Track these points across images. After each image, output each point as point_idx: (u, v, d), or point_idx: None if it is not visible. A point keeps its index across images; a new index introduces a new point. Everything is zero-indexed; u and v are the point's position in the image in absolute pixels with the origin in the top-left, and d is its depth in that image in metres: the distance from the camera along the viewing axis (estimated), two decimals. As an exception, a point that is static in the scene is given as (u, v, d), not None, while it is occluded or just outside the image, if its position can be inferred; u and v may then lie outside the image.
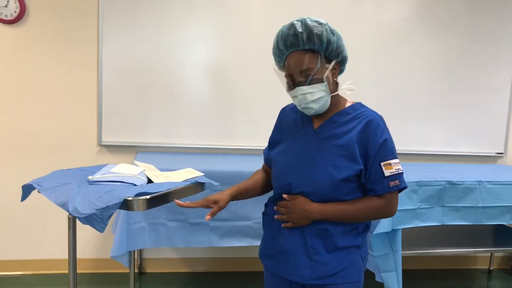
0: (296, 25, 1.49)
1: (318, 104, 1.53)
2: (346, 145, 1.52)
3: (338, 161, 1.52)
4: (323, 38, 1.47)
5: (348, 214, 1.54)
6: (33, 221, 3.30)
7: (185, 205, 1.57)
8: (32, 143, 3.22)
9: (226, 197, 1.64)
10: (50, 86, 3.19)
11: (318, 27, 1.47)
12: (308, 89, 1.51)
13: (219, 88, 3.35)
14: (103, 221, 1.52)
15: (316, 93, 1.51)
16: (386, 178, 1.51)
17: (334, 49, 1.50)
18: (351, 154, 1.51)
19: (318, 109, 1.55)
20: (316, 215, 1.53)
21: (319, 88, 1.51)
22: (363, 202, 1.55)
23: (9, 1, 3.05)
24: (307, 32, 1.47)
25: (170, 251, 3.50)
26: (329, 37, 1.48)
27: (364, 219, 1.58)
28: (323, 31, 1.47)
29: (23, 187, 1.78)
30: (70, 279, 1.82)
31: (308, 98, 1.52)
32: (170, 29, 3.22)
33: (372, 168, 1.51)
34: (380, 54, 3.48)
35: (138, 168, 1.93)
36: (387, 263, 2.64)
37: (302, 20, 1.50)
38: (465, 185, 2.77)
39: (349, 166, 1.51)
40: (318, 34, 1.47)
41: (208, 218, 1.57)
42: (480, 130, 3.71)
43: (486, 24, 3.58)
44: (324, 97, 1.53)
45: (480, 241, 3.25)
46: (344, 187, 1.52)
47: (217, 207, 1.60)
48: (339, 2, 3.37)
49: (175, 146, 3.34)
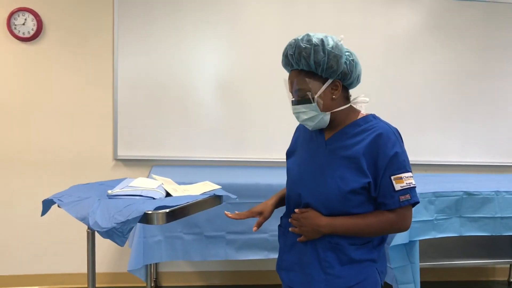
0: (289, 46, 1.52)
1: (313, 122, 1.55)
2: (354, 157, 1.51)
3: (346, 173, 1.51)
4: (310, 60, 1.47)
5: (358, 229, 1.52)
6: (50, 236, 3.33)
7: (233, 216, 1.68)
8: (49, 158, 3.26)
9: (269, 207, 1.73)
10: (66, 102, 3.24)
11: (307, 49, 1.47)
12: (300, 108, 1.54)
13: (233, 101, 3.37)
14: (124, 235, 1.54)
15: (308, 113, 1.53)
16: (397, 192, 1.48)
17: (325, 69, 1.48)
18: (358, 166, 1.49)
19: (315, 126, 1.56)
20: (325, 229, 1.52)
21: (310, 108, 1.52)
22: (373, 216, 1.53)
23: (27, 19, 3.11)
24: (297, 53, 1.49)
25: (185, 265, 3.50)
26: (317, 58, 1.46)
27: (376, 233, 1.56)
28: (310, 53, 1.46)
29: (44, 202, 1.79)
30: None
31: (302, 116, 1.55)
32: (183, 44, 3.26)
33: (382, 181, 1.49)
34: (393, 65, 3.48)
35: (156, 182, 1.94)
36: (405, 275, 2.61)
37: (296, 40, 1.51)
38: (483, 195, 2.75)
39: (356, 178, 1.49)
40: (305, 56, 1.47)
41: (255, 229, 1.67)
42: (495, 140, 3.68)
43: (499, 34, 3.57)
44: (317, 116, 1.53)
45: (499, 252, 3.21)
46: (352, 200, 1.51)
47: (263, 217, 1.70)
48: (350, 15, 3.38)
49: (190, 160, 3.35)
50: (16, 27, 3.11)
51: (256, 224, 1.67)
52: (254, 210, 1.70)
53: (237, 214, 1.69)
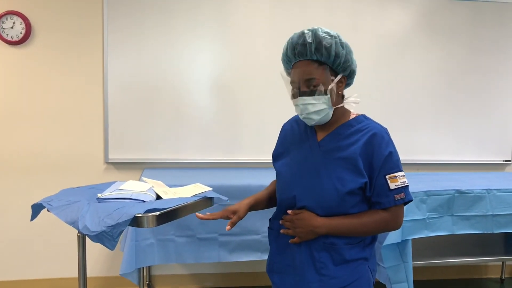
0: (306, 35, 1.49)
1: (319, 115, 1.53)
2: (350, 157, 1.51)
3: (343, 174, 1.51)
4: (331, 50, 1.47)
5: (354, 228, 1.52)
6: (41, 240, 3.30)
7: (205, 217, 1.62)
8: (39, 162, 3.24)
9: (244, 206, 1.67)
10: (56, 105, 3.22)
11: (328, 39, 1.47)
12: (310, 100, 1.51)
13: (225, 102, 3.36)
14: (114, 238, 1.52)
15: (318, 105, 1.51)
16: (392, 191, 1.50)
17: (342, 63, 1.50)
18: (355, 167, 1.50)
19: (319, 120, 1.55)
20: (322, 229, 1.52)
21: (322, 100, 1.50)
22: (368, 215, 1.54)
23: (15, 23, 3.09)
24: (316, 42, 1.47)
25: (179, 267, 3.48)
26: (338, 50, 1.48)
27: (370, 232, 1.57)
28: (332, 43, 1.47)
29: (33, 207, 1.77)
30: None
31: (310, 108, 1.52)
32: (175, 44, 3.25)
33: (377, 181, 1.50)
34: (384, 65, 3.49)
35: (146, 185, 1.93)
36: (398, 274, 2.62)
37: (313, 30, 1.49)
38: (474, 194, 2.76)
39: (354, 179, 1.50)
40: (327, 46, 1.47)
41: (228, 229, 1.61)
42: (486, 138, 3.70)
43: (489, 32, 3.59)
44: (325, 109, 1.52)
45: (491, 249, 3.22)
46: (349, 200, 1.51)
47: (237, 217, 1.63)
48: (341, 14, 3.39)
49: (182, 162, 3.34)
50: (5, 31, 3.09)
51: (230, 223, 1.61)
52: (229, 209, 1.65)
53: (210, 214, 1.63)
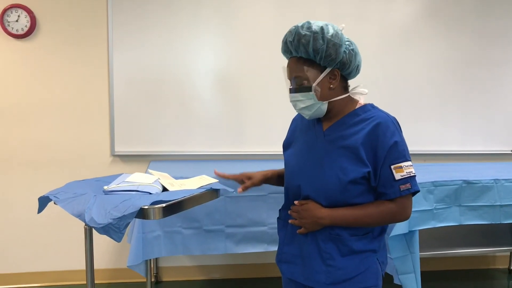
0: (289, 33, 1.51)
1: (311, 110, 1.54)
2: (352, 146, 1.50)
3: (345, 163, 1.50)
4: (309, 47, 1.46)
5: (358, 219, 1.51)
6: (49, 233, 3.33)
7: (221, 175, 1.77)
8: (46, 155, 3.25)
9: (260, 176, 1.76)
10: (62, 99, 3.23)
11: (307, 36, 1.46)
12: (298, 97, 1.53)
13: (230, 95, 3.35)
14: (120, 230, 1.52)
15: (306, 101, 1.52)
16: (397, 182, 1.48)
17: (323, 57, 1.47)
18: (357, 156, 1.49)
19: (313, 114, 1.55)
20: (326, 220, 1.52)
21: (307, 97, 1.51)
22: (374, 206, 1.52)
23: (20, 16, 3.09)
24: (296, 40, 1.48)
25: (186, 259, 3.50)
26: (316, 45, 1.45)
27: (376, 223, 1.55)
28: (310, 40, 1.45)
29: (40, 199, 1.78)
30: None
31: (299, 105, 1.54)
32: (179, 38, 3.24)
33: (382, 171, 1.49)
34: (390, 55, 3.47)
35: (152, 177, 1.93)
36: (405, 265, 2.61)
37: (296, 27, 1.50)
38: (482, 184, 2.74)
39: (356, 168, 1.49)
40: (304, 43, 1.46)
41: (240, 191, 1.71)
42: (494, 128, 3.67)
43: (495, 23, 3.55)
44: (314, 105, 1.52)
45: (499, 240, 3.20)
46: (352, 190, 1.50)
47: (251, 182, 1.73)
48: (346, 5, 3.37)
49: (187, 154, 3.34)
50: (10, 24, 3.09)
51: (242, 187, 1.71)
52: (245, 174, 1.75)
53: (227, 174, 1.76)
